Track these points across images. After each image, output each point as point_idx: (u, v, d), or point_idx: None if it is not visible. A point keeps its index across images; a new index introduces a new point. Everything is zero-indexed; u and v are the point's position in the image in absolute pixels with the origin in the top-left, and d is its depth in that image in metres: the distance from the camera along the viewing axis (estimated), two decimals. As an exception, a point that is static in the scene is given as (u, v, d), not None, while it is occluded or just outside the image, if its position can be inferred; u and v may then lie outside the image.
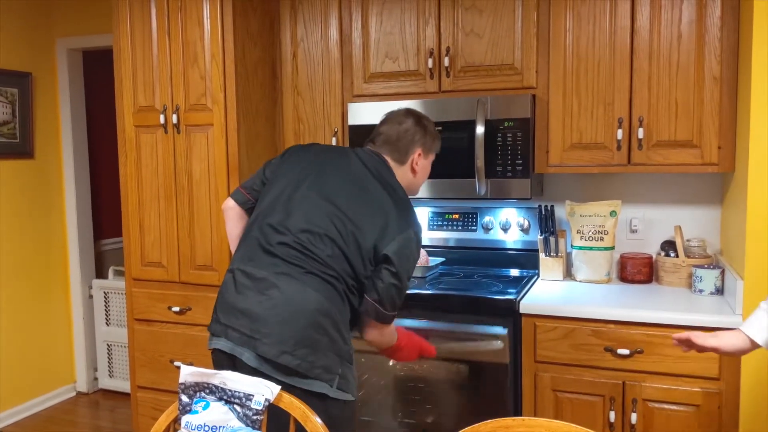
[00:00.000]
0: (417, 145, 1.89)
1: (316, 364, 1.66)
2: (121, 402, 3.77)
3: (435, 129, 1.96)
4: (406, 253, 1.75)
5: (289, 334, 1.64)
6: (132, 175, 2.81)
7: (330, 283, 1.71)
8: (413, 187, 1.96)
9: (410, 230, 1.76)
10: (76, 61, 3.79)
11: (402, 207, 1.80)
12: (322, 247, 1.70)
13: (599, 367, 2.16)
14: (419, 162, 1.90)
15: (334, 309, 1.71)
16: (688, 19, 2.26)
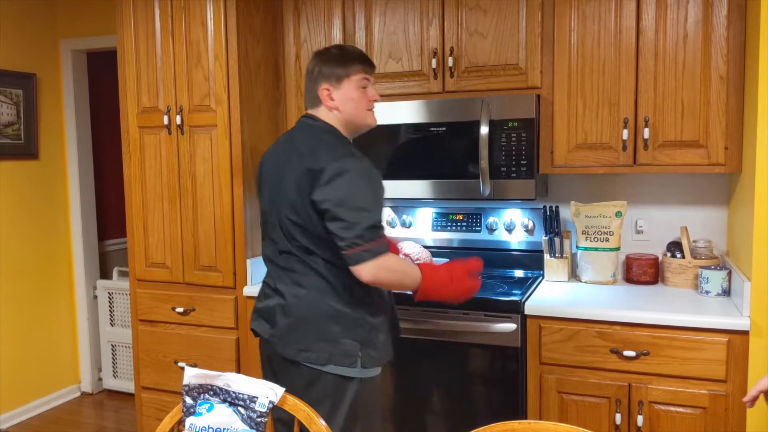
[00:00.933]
0: (320, 82, 1.82)
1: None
2: (125, 402, 3.78)
3: (337, 52, 1.85)
4: (338, 189, 1.69)
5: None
6: (136, 175, 2.81)
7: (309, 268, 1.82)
8: (352, 121, 1.84)
9: (327, 167, 1.70)
10: (80, 62, 3.80)
11: (314, 154, 1.75)
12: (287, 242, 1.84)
13: (605, 369, 2.15)
14: (334, 95, 1.81)
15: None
16: (694, 19, 2.24)
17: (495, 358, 2.29)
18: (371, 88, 1.87)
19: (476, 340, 2.29)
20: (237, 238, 2.65)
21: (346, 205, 1.69)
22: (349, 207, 1.69)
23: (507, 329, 2.24)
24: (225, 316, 2.70)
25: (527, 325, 2.25)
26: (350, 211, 1.69)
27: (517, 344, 2.24)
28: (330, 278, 1.79)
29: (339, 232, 1.70)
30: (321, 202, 1.71)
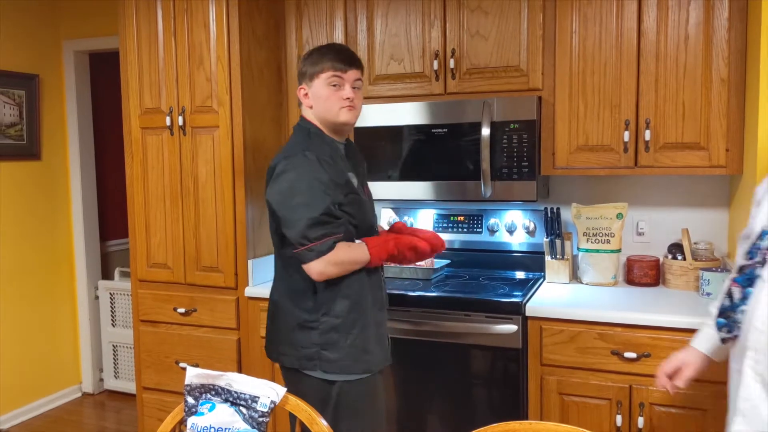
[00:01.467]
0: (299, 81, 1.89)
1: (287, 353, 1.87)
2: (126, 403, 3.78)
3: (316, 52, 1.87)
4: (277, 187, 1.77)
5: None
6: (138, 176, 2.81)
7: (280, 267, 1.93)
8: (324, 118, 1.84)
9: (277, 165, 1.78)
10: (83, 63, 3.80)
11: (278, 156, 1.83)
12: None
13: (606, 370, 2.15)
14: (309, 92, 1.85)
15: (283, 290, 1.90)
16: (695, 21, 2.25)
17: (496, 359, 2.29)
18: (346, 86, 1.83)
19: (477, 342, 2.29)
20: (239, 238, 2.66)
21: (285, 203, 1.75)
22: (289, 205, 1.74)
23: (508, 331, 2.24)
24: (226, 317, 2.70)
25: (528, 327, 2.25)
26: (289, 210, 1.74)
27: (518, 345, 2.25)
28: (289, 279, 1.87)
29: (285, 232, 1.77)
30: (268, 202, 1.81)
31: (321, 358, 1.82)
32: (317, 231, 1.72)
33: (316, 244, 1.72)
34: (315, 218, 1.72)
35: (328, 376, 1.82)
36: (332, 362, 1.82)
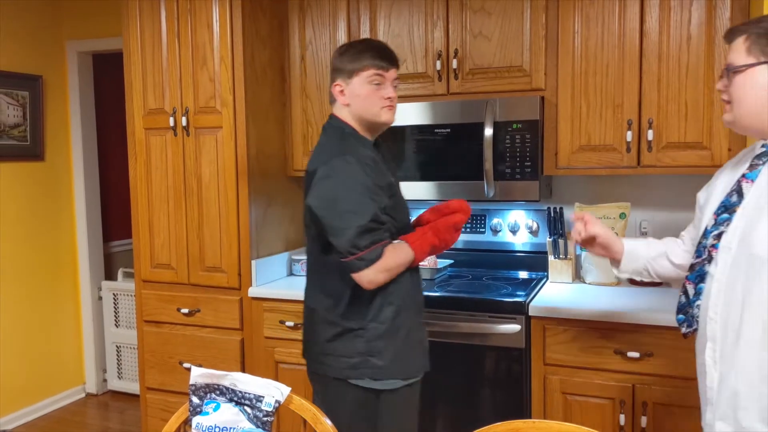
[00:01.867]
0: (334, 77, 1.81)
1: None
2: (130, 403, 3.79)
3: (354, 48, 1.80)
4: (320, 194, 1.70)
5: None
6: (141, 177, 2.82)
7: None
8: (363, 115, 1.79)
9: (318, 170, 1.71)
10: (86, 64, 3.81)
11: (314, 155, 1.79)
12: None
13: (609, 369, 2.16)
14: (345, 90, 1.78)
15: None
16: (697, 21, 2.25)
17: (499, 359, 2.30)
18: (387, 85, 1.78)
19: (481, 341, 2.30)
20: (242, 239, 2.67)
21: (331, 211, 1.68)
22: (335, 213, 1.68)
23: (511, 330, 2.25)
24: (230, 317, 2.71)
25: (531, 326, 2.25)
26: (336, 217, 1.67)
27: (522, 345, 2.25)
28: (330, 286, 1.80)
29: (332, 240, 1.70)
30: (312, 208, 1.72)
31: (368, 366, 1.75)
32: (366, 239, 1.66)
33: (365, 253, 1.66)
34: (364, 226, 1.65)
35: (375, 384, 1.77)
36: (380, 369, 1.76)
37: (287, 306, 2.61)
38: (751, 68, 1.31)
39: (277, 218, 2.86)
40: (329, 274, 1.79)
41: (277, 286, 2.71)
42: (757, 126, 1.35)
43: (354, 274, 1.69)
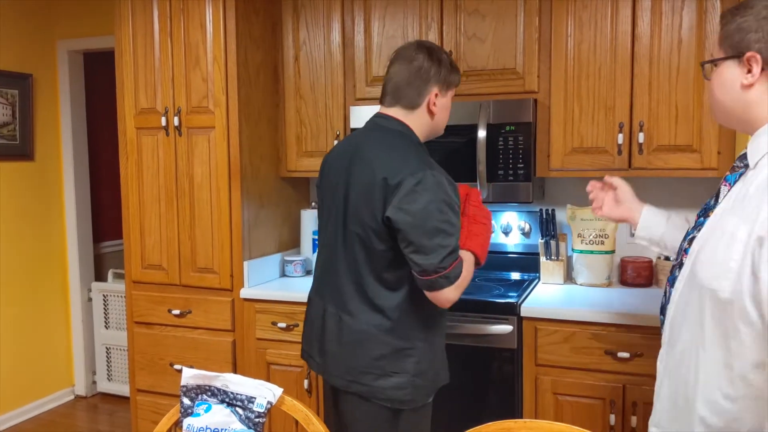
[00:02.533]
0: (431, 84, 1.70)
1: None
2: (119, 406, 3.76)
3: (450, 59, 1.77)
4: (410, 208, 1.57)
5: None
6: (133, 177, 2.81)
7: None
8: (435, 129, 1.79)
9: (403, 182, 1.59)
10: (77, 63, 3.79)
11: (389, 163, 1.63)
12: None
13: (600, 370, 2.17)
14: (437, 102, 1.72)
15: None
16: (688, 25, 2.27)
17: (491, 359, 2.30)
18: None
19: (473, 342, 2.30)
20: (234, 239, 2.66)
21: (423, 228, 1.57)
22: (426, 230, 1.58)
23: (503, 331, 2.26)
24: (221, 318, 2.70)
25: (523, 327, 2.26)
26: (426, 236, 1.58)
27: (514, 346, 2.26)
28: (380, 302, 1.69)
29: (416, 258, 1.59)
30: (396, 222, 1.59)
31: (413, 386, 1.70)
32: (451, 258, 1.60)
33: (449, 270, 1.60)
34: (452, 246, 1.60)
35: (414, 404, 1.72)
36: (421, 390, 1.72)
37: (279, 307, 2.61)
38: (719, 62, 1.23)
39: (269, 219, 2.86)
40: (381, 290, 1.68)
41: (269, 288, 2.70)
42: (732, 123, 1.27)
43: (434, 292, 1.62)
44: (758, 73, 1.15)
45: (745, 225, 1.09)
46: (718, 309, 1.12)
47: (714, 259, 1.14)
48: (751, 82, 1.16)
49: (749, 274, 1.07)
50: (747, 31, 1.15)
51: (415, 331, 1.71)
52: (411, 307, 1.69)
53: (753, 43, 1.15)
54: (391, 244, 1.65)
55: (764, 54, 1.14)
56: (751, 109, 1.18)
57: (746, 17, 1.16)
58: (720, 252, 1.12)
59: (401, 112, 1.74)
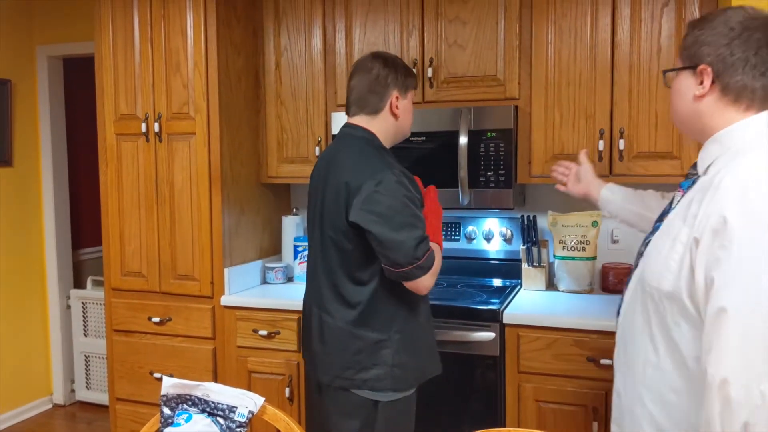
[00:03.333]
0: (391, 88, 1.82)
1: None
2: (98, 414, 3.71)
3: (404, 64, 1.89)
4: (373, 209, 1.69)
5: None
6: (112, 183, 2.77)
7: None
8: (400, 131, 1.89)
9: (363, 185, 1.70)
10: (56, 69, 3.75)
11: (354, 168, 1.75)
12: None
13: (582, 377, 2.17)
14: (399, 104, 1.84)
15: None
16: (667, 33, 2.30)
17: (474, 366, 2.30)
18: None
19: (455, 349, 2.30)
20: (215, 246, 2.63)
21: (390, 225, 1.68)
22: (393, 226, 1.68)
23: (486, 338, 2.26)
24: (202, 326, 2.67)
25: (506, 334, 2.26)
26: (395, 231, 1.68)
27: (496, 353, 2.26)
28: (354, 298, 1.79)
29: (388, 254, 1.69)
30: (363, 223, 1.70)
31: (392, 377, 1.78)
32: (422, 249, 1.70)
33: (422, 261, 1.70)
34: (420, 237, 1.70)
35: (394, 395, 1.80)
36: (402, 380, 1.80)
37: (260, 315, 2.59)
38: (676, 72, 1.28)
39: (250, 226, 2.84)
40: (356, 286, 1.78)
41: (250, 295, 2.68)
42: (688, 131, 1.32)
43: (411, 282, 1.72)
44: (708, 85, 1.21)
45: (686, 227, 1.16)
46: (661, 306, 1.20)
47: (658, 259, 1.22)
48: (702, 93, 1.22)
49: (687, 272, 1.14)
50: (702, 44, 1.21)
51: (389, 323, 1.78)
52: (382, 300, 1.78)
53: (705, 56, 1.20)
54: (358, 242, 1.75)
55: (715, 68, 1.19)
56: (702, 120, 1.24)
57: (703, 31, 1.21)
58: (664, 253, 1.20)
59: (365, 119, 1.85)
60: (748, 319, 1.04)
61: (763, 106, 1.19)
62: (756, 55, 1.16)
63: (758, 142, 1.15)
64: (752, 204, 1.06)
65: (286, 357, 2.55)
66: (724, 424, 1.04)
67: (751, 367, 1.03)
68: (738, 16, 1.19)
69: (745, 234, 1.05)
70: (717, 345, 1.06)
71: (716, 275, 1.07)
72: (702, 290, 1.10)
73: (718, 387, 1.05)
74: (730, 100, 1.20)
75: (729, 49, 1.17)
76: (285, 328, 2.55)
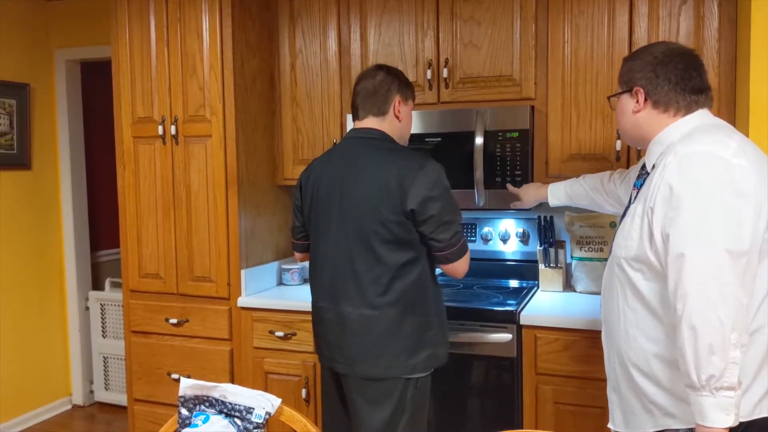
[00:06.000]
0: (394, 93, 1.94)
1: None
2: (117, 415, 3.74)
3: (406, 77, 2.02)
4: (431, 194, 1.81)
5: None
6: (130, 186, 2.80)
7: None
8: (403, 134, 2.01)
9: (418, 173, 1.81)
10: (74, 72, 3.79)
11: (395, 163, 1.84)
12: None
13: (601, 378, 2.14)
14: (401, 109, 1.96)
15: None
16: (685, 31, 2.27)
17: (490, 368, 2.29)
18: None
19: (472, 351, 2.29)
20: (231, 248, 2.65)
21: (445, 208, 1.83)
22: (447, 209, 1.84)
23: (503, 339, 2.24)
24: (219, 327, 2.68)
25: (523, 336, 2.25)
26: (449, 213, 1.84)
27: (513, 354, 2.24)
28: (395, 288, 1.86)
29: (442, 236, 1.84)
30: (426, 209, 1.80)
31: (434, 358, 1.90)
32: (462, 232, 1.93)
33: (462, 243, 1.89)
34: (462, 221, 1.92)
35: (423, 373, 1.90)
36: (438, 358, 1.92)
37: (277, 316, 2.59)
38: (618, 97, 1.60)
39: (266, 227, 2.85)
40: (392, 277, 1.84)
41: (266, 296, 2.69)
42: (632, 141, 1.66)
43: (451, 264, 1.89)
44: (642, 101, 1.54)
45: (641, 204, 1.47)
46: (628, 268, 1.49)
47: (623, 234, 1.52)
48: (639, 109, 1.55)
49: (647, 236, 1.43)
50: (634, 71, 1.55)
51: (429, 306, 1.90)
52: (422, 286, 1.89)
53: (638, 80, 1.54)
54: (404, 232, 1.83)
55: (645, 88, 1.53)
56: (642, 129, 1.56)
57: (635, 61, 1.57)
58: (626, 227, 1.50)
59: (374, 120, 1.95)
60: (702, 258, 1.31)
61: (688, 111, 1.51)
62: (676, 76, 1.50)
63: (689, 135, 1.46)
64: (689, 171, 1.37)
65: (302, 358, 2.56)
66: (693, 348, 1.30)
67: (708, 297, 1.30)
68: (660, 48, 1.54)
69: (688, 195, 1.35)
70: (680, 284, 1.33)
71: (671, 231, 1.36)
72: (660, 245, 1.39)
73: (685, 318, 1.32)
74: (661, 111, 1.52)
75: (655, 73, 1.51)
76: (301, 330, 2.55)
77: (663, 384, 1.46)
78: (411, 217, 1.81)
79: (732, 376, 1.29)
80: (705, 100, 1.54)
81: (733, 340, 1.29)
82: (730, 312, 1.29)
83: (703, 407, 1.30)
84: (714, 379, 1.29)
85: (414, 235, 1.84)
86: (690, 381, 1.32)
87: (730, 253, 1.30)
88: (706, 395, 1.30)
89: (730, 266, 1.30)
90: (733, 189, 1.33)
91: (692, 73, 1.52)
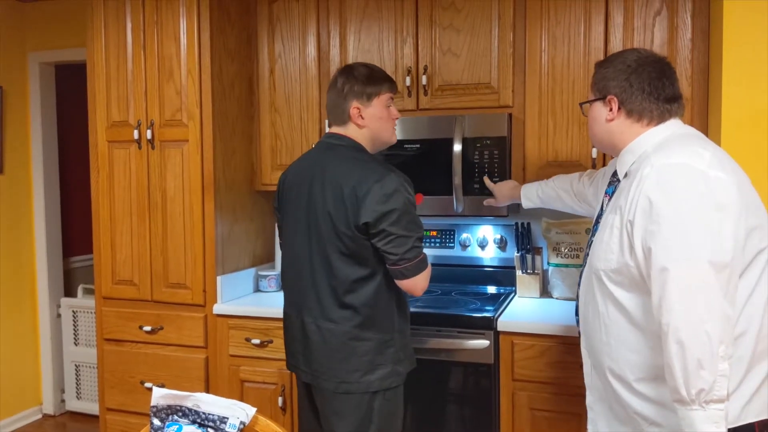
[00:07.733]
0: (349, 100, 1.86)
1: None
2: (89, 425, 3.67)
3: (369, 72, 1.89)
4: (385, 208, 1.74)
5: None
6: (104, 191, 2.75)
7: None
8: (378, 138, 1.91)
9: (376, 186, 1.75)
10: (48, 75, 3.73)
11: (351, 174, 1.78)
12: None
13: (577, 385, 2.16)
14: (363, 113, 1.86)
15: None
16: (660, 41, 2.30)
17: (468, 374, 2.29)
18: (393, 107, 1.95)
19: (449, 357, 2.29)
20: (207, 254, 2.62)
21: (399, 223, 1.75)
22: (402, 224, 1.75)
23: (480, 346, 2.25)
24: (194, 335, 2.65)
25: (500, 342, 2.25)
26: (403, 228, 1.76)
27: (491, 361, 2.25)
28: (353, 303, 1.82)
29: (396, 251, 1.76)
30: (376, 221, 1.74)
31: (395, 374, 1.85)
32: (420, 249, 1.81)
33: (422, 257, 1.81)
34: (421, 236, 1.81)
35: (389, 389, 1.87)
36: (400, 376, 1.87)
37: (253, 323, 2.57)
38: (591, 103, 1.60)
39: (243, 233, 2.82)
40: (351, 291, 1.81)
41: (243, 303, 2.66)
42: (604, 148, 1.66)
43: (408, 280, 1.80)
44: (616, 110, 1.53)
45: (618, 216, 1.45)
46: (608, 281, 1.47)
47: (601, 246, 1.49)
48: (612, 117, 1.54)
49: (628, 249, 1.41)
50: (608, 79, 1.54)
51: (391, 322, 1.86)
52: (383, 301, 1.84)
53: (612, 88, 1.53)
54: (361, 246, 1.79)
55: (619, 97, 1.52)
56: (614, 137, 1.56)
57: (608, 69, 1.55)
58: (605, 239, 1.48)
59: (340, 128, 1.91)
60: (685, 272, 1.30)
61: (661, 120, 1.51)
62: (649, 85, 1.50)
63: (662, 145, 1.46)
64: (668, 185, 1.35)
65: (278, 366, 2.53)
66: (682, 363, 1.28)
67: (694, 311, 1.28)
68: (633, 56, 1.53)
69: (668, 209, 1.33)
70: (664, 298, 1.31)
71: (653, 245, 1.33)
72: (642, 259, 1.37)
73: (672, 333, 1.29)
74: (634, 120, 1.52)
75: (629, 82, 1.51)
76: (278, 337, 2.53)
77: (647, 395, 1.45)
78: (364, 231, 1.76)
79: (721, 388, 1.27)
80: (677, 108, 1.53)
81: (721, 352, 1.27)
82: (717, 325, 1.27)
83: (694, 421, 1.29)
84: (704, 392, 1.27)
85: (368, 252, 1.79)
86: (679, 396, 1.30)
87: (713, 266, 1.29)
88: (697, 409, 1.28)
89: (713, 279, 1.29)
90: (712, 201, 1.32)
91: (665, 81, 1.52)
